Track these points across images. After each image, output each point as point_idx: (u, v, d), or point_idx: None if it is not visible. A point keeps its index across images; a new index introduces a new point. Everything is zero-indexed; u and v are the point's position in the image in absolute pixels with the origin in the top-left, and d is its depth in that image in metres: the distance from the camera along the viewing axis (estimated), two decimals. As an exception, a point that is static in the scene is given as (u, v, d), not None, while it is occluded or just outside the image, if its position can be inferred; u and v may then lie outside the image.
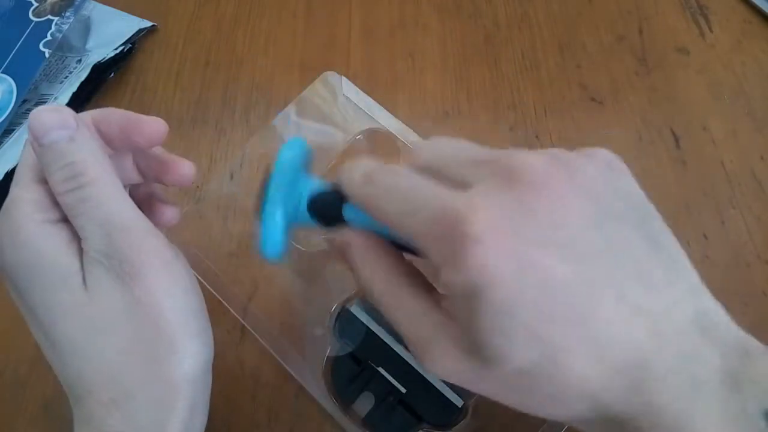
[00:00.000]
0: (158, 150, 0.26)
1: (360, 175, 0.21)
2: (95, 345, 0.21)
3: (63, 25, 0.44)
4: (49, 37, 0.44)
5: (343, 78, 0.39)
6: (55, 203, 0.22)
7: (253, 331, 0.33)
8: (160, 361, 0.21)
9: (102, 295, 0.21)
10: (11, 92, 0.41)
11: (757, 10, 0.45)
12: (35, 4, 0.45)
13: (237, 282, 0.34)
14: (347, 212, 0.23)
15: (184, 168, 0.26)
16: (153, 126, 0.24)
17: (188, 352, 0.22)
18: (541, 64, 0.43)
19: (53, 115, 0.22)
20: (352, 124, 0.38)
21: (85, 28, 0.47)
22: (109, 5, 0.47)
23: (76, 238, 0.22)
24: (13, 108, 0.41)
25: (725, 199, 0.37)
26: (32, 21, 0.44)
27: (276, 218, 0.24)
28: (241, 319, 0.33)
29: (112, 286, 0.21)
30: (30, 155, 0.23)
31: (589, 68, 0.43)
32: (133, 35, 0.45)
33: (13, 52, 0.43)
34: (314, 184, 0.25)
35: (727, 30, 0.44)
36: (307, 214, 0.24)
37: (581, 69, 0.43)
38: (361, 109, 0.38)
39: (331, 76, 0.39)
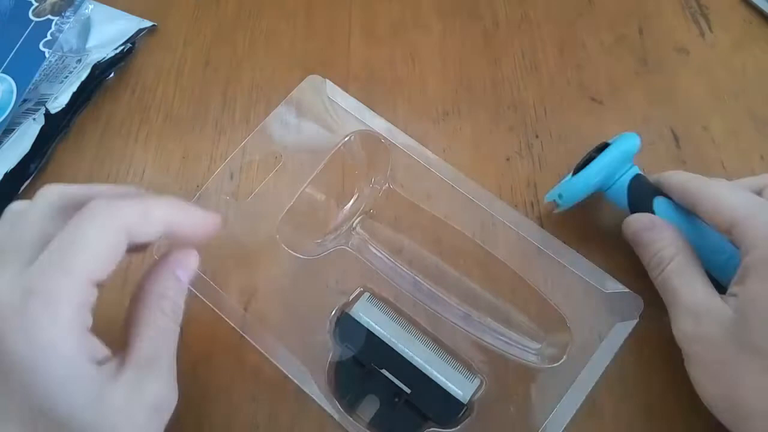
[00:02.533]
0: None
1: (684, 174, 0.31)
2: None
3: (63, 25, 0.44)
4: (49, 37, 0.44)
5: (327, 81, 0.39)
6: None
7: (251, 341, 0.32)
8: None
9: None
10: (11, 92, 0.41)
11: (757, 10, 0.45)
12: (35, 4, 0.45)
13: (236, 283, 0.34)
14: (657, 205, 0.31)
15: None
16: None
17: None
18: (541, 64, 0.43)
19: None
20: (343, 126, 0.38)
21: (85, 28, 0.47)
22: (109, 5, 0.47)
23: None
24: (13, 108, 0.41)
25: (725, 199, 0.37)
26: (32, 21, 0.44)
27: (594, 176, 0.31)
28: (239, 326, 0.33)
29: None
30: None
31: (589, 68, 0.43)
32: (133, 35, 0.45)
33: (13, 52, 0.43)
34: (637, 171, 0.32)
35: (727, 30, 0.44)
36: (617, 190, 0.32)
37: (581, 69, 0.43)
38: (346, 111, 0.38)
39: (315, 79, 0.39)
